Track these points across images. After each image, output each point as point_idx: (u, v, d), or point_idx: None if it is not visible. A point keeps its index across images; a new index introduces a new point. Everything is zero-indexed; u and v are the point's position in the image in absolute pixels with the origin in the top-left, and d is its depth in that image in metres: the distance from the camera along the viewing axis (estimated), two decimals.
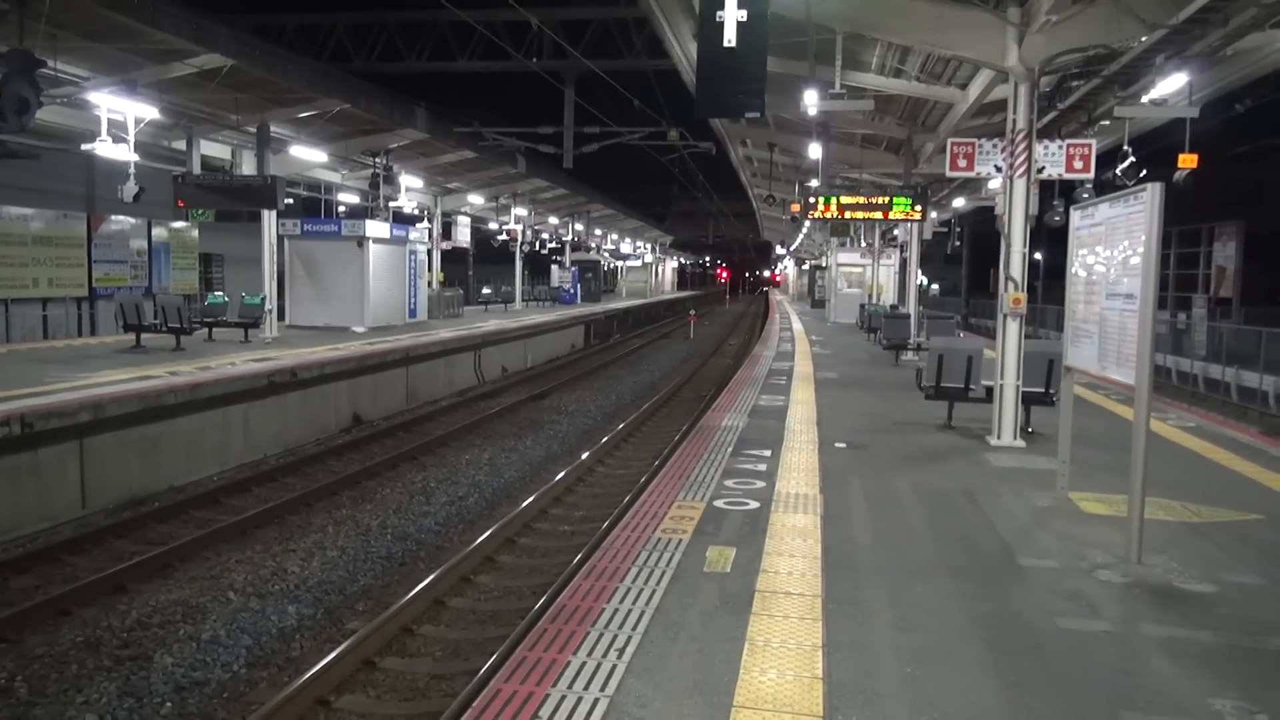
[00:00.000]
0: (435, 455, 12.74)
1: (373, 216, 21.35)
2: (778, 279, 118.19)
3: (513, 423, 15.49)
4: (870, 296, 26.46)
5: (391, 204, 22.06)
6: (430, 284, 25.70)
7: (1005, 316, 8.85)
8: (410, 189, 23.42)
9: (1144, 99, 12.26)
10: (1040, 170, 9.24)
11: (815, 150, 17.26)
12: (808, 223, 33.32)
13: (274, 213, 16.95)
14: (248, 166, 17.07)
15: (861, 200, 14.33)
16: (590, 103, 21.98)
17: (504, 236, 31.52)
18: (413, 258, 22.32)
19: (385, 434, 13.95)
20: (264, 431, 12.31)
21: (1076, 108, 13.46)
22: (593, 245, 45.21)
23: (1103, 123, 13.87)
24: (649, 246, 61.05)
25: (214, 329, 16.93)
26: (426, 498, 10.52)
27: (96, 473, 9.62)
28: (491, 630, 6.81)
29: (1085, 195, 12.87)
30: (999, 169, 9.32)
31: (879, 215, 15.30)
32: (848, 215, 14.54)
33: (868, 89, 14.00)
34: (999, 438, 8.91)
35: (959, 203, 24.26)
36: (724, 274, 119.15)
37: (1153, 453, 5.38)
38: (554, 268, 40.17)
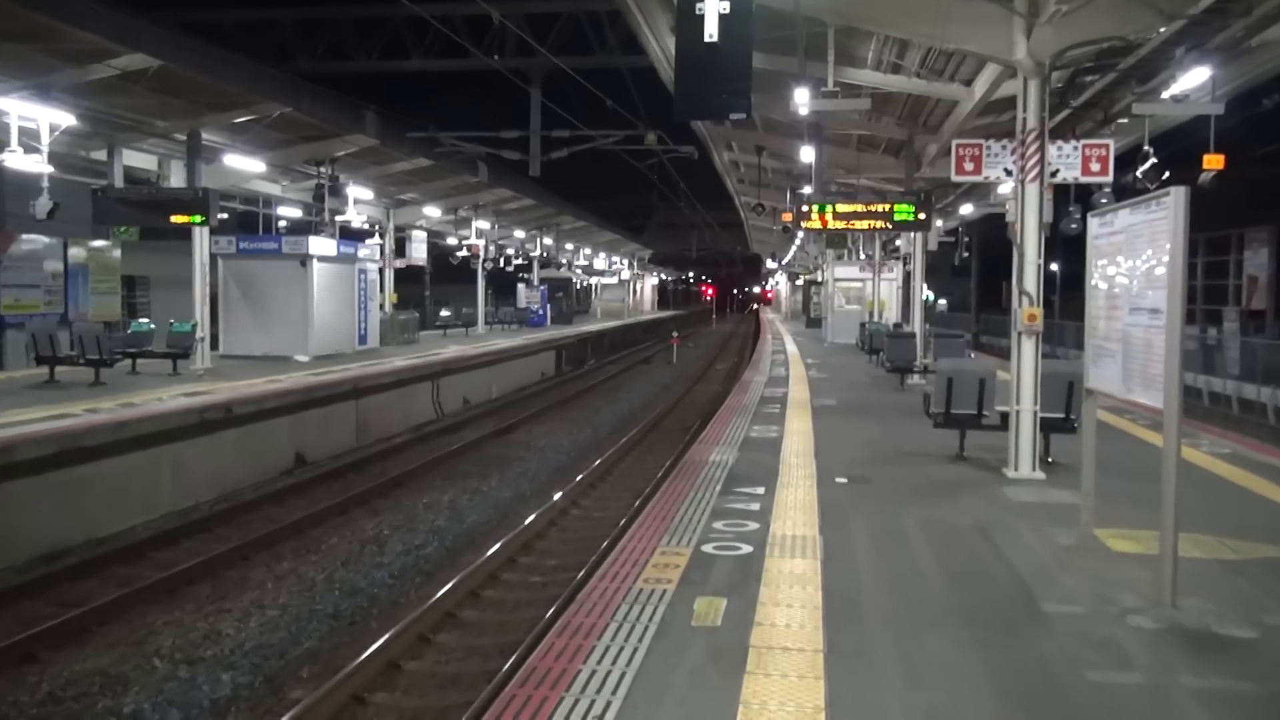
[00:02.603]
0: (389, 498, 12.63)
1: (317, 232, 21.27)
2: (769, 296, 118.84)
3: (476, 460, 15.41)
4: (871, 314, 26.65)
5: (338, 218, 22.01)
6: (382, 306, 25.60)
7: (1019, 335, 8.91)
8: (359, 201, 23.39)
9: (1164, 95, 12.48)
10: (1054, 173, 9.35)
11: (807, 154, 17.43)
12: (801, 234, 33.64)
13: (206, 229, 16.85)
14: (177, 178, 16.98)
15: (859, 208, 14.46)
16: (559, 104, 22.19)
17: (464, 253, 31.50)
18: (362, 277, 22.24)
19: (333, 475, 13.83)
20: (196, 475, 12.16)
21: (1091, 105, 13.70)
22: (564, 261, 45.30)
23: (1120, 121, 14.12)
24: (626, 262, 61.28)
25: (138, 360, 16.77)
26: (379, 547, 10.41)
27: (4, 524, 9.44)
28: (453, 697, 6.71)
29: (1103, 200, 13.07)
30: (1009, 172, 9.43)
31: (879, 224, 15.43)
32: (844, 225, 14.65)
33: (864, 87, 14.18)
34: (1016, 469, 8.94)
35: (966, 209, 24.55)
36: (709, 291, 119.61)
37: (1185, 482, 5.41)
38: (520, 287, 40.20)
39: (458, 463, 15.17)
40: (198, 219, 15.51)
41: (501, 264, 36.92)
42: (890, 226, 15.03)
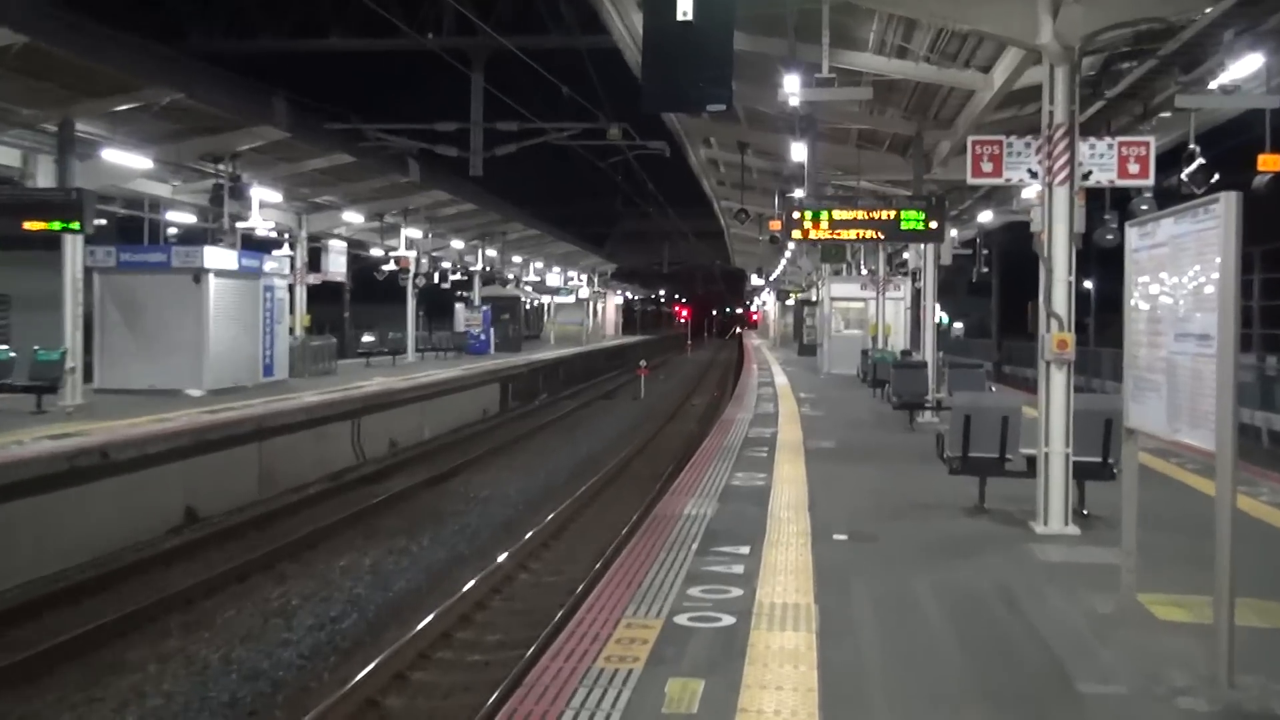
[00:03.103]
0: (299, 562, 12.50)
1: (215, 242, 21.11)
2: (754, 318, 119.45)
3: (405, 515, 15.31)
4: (874, 340, 26.87)
5: (240, 225, 21.87)
6: (292, 330, 25.43)
7: (1048, 364, 9.02)
8: (266, 205, 23.27)
9: (1212, 85, 12.75)
10: (1086, 176, 9.51)
11: (799, 152, 17.60)
12: (791, 245, 33.86)
13: (80, 238, 16.68)
14: (45, 177, 16.80)
15: (860, 215, 14.59)
16: (505, 92, 22.24)
17: (392, 266, 31.40)
18: (269, 296, 22.10)
19: (231, 534, 13.67)
20: (62, 535, 11.95)
21: (1129, 97, 13.97)
22: (511, 277, 45.29)
23: (1162, 115, 14.41)
24: (585, 278, 61.42)
25: None
26: (287, 620, 10.28)
27: None
28: None
29: (1144, 208, 13.31)
30: (1034, 174, 9.57)
31: (882, 234, 15.57)
32: (842, 234, 14.78)
33: (864, 73, 14.38)
34: (1045, 523, 9.01)
35: (985, 217, 24.89)
36: (684, 313, 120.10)
37: (1242, 538, 5.46)
38: (459, 307, 40.13)
39: (382, 518, 15.04)
40: (71, 225, 15.32)
41: (436, 280, 36.81)
42: (896, 237, 15.17)
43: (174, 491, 14.13)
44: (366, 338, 33.39)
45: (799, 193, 19.59)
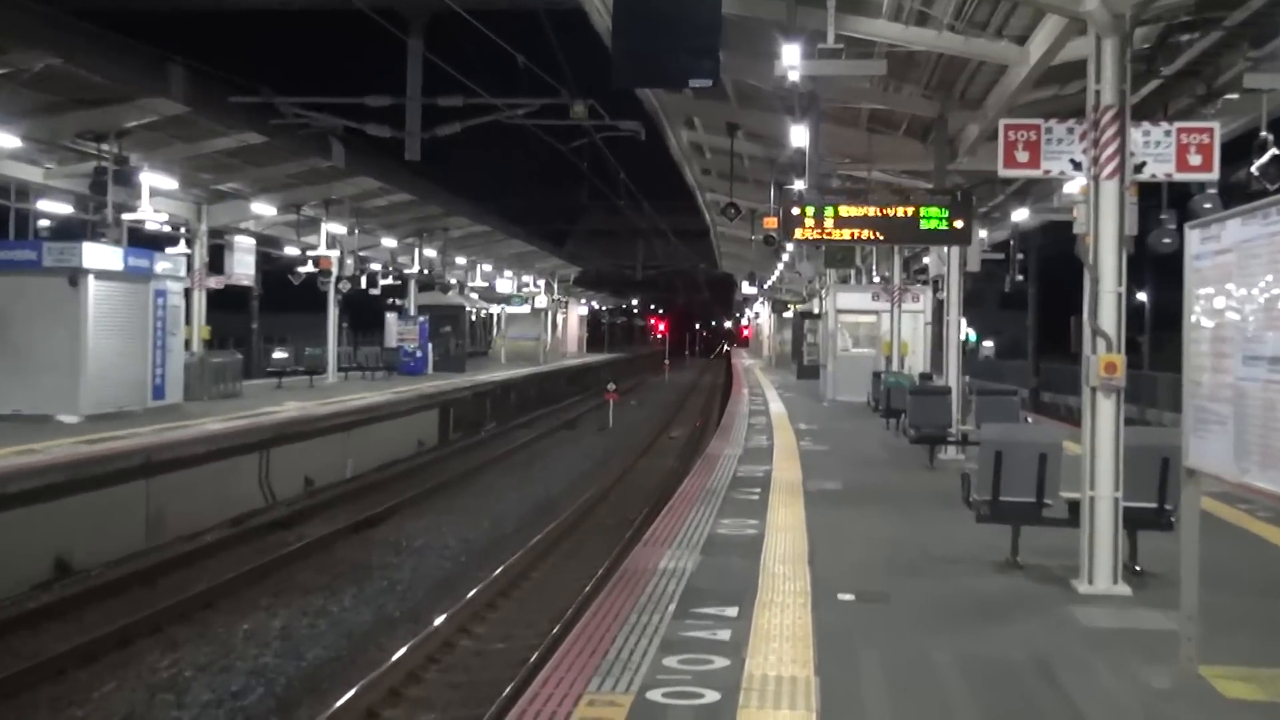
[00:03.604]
0: (194, 624, 12.40)
1: (96, 237, 20.96)
2: (746, 333, 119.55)
3: (323, 568, 15.23)
4: (888, 361, 26.98)
5: (128, 217, 21.73)
6: (189, 344, 25.26)
7: (1094, 391, 9.07)
8: (159, 193, 23.16)
9: None
10: (1139, 167, 9.59)
11: (799, 136, 17.66)
12: (790, 246, 34.00)
13: None
14: None
15: (872, 212, 14.66)
16: (449, 61, 22.12)
17: (310, 268, 31.28)
18: (161, 303, 21.94)
19: (111, 590, 13.53)
20: None
21: (1189, 75, 14.11)
22: (453, 282, 45.22)
23: (1228, 97, 14.54)
24: (543, 284, 61.42)
25: None
26: (178, 696, 10.17)
27: None
28: None
29: (1207, 206, 13.44)
30: (1077, 165, 9.64)
31: (899, 235, 15.63)
32: (851, 235, 14.84)
33: (878, 43, 14.45)
34: (1090, 581, 9.04)
35: (1020, 215, 25.07)
36: (660, 327, 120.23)
37: None
38: (390, 318, 40.02)
39: (296, 571, 14.93)
40: None
41: (364, 285, 36.71)
42: (915, 238, 15.25)
43: (41, 539, 13.95)
44: (278, 354, 33.21)
45: (799, 185, 19.63)
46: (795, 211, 14.70)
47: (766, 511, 12.61)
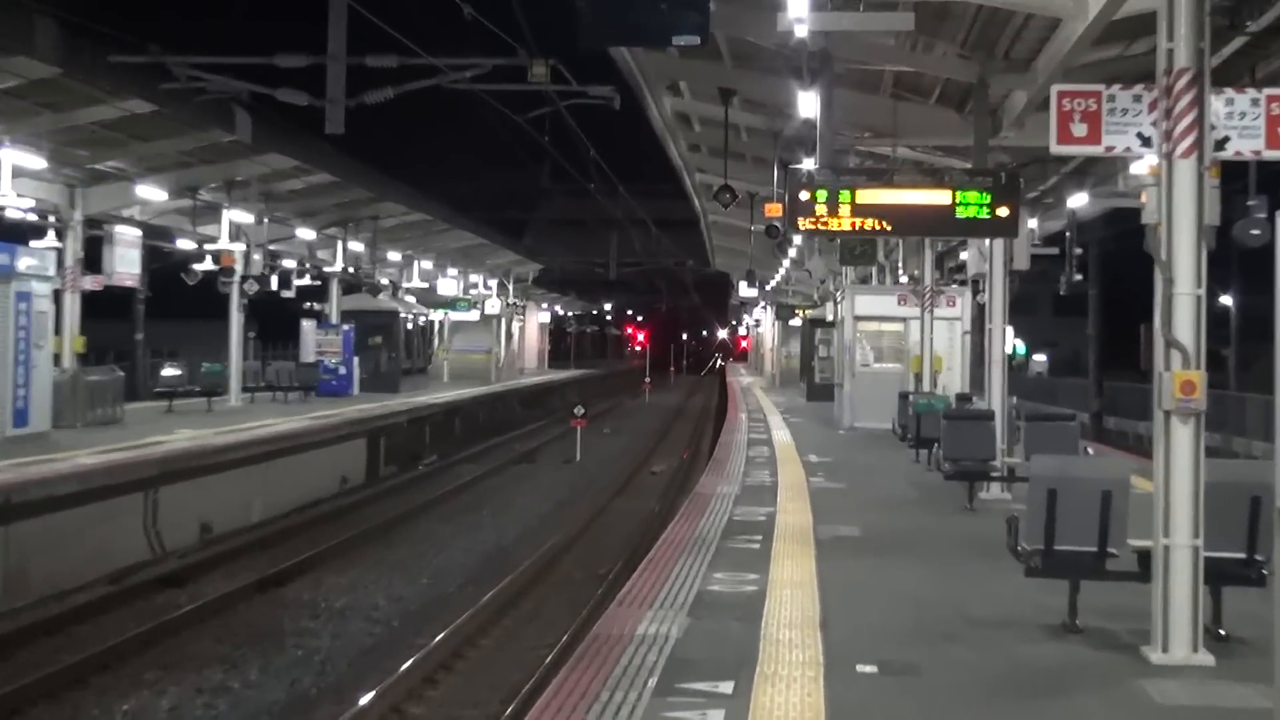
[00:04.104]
0: (62, 704, 12.29)
1: None
2: (744, 344, 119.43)
3: (223, 635, 15.16)
4: (918, 378, 27.01)
5: None
6: (60, 360, 25.09)
7: (1168, 416, 9.07)
8: (22, 173, 23.02)
9: None
10: (1221, 144, 9.62)
11: (808, 104, 17.69)
12: (798, 239, 34.01)
13: None
14: None
15: (897, 197, 14.66)
16: (380, 12, 22.11)
17: (208, 265, 31.12)
18: (24, 308, 21.82)
19: None
20: None
21: None
22: (385, 282, 45.12)
23: None
24: (495, 284, 61.33)
25: None
26: None
27: None
28: None
29: None
30: (1146, 140, 9.65)
31: (930, 226, 15.63)
32: (872, 225, 14.84)
33: None
34: (1165, 649, 9.03)
35: (1078, 201, 25.14)
36: (639, 337, 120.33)
37: None
38: (307, 326, 39.86)
39: (189, 639, 14.86)
40: None
41: (275, 286, 36.55)
42: (950, 229, 15.24)
43: None
44: (169, 370, 33.08)
45: (808, 164, 19.66)
46: (804, 196, 14.68)
47: (769, 564, 12.60)
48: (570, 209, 69.82)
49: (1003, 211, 14.27)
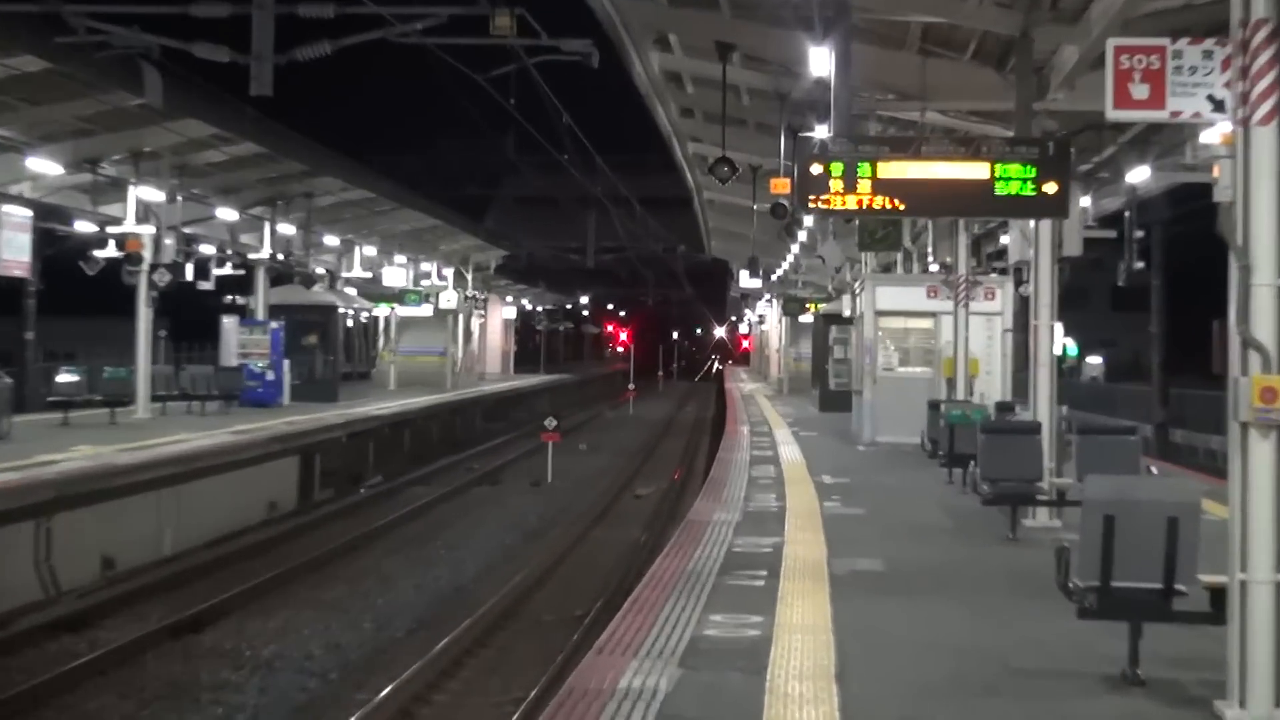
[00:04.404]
0: None
1: None
2: (745, 344, 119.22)
3: (128, 689, 15.09)
4: (951, 384, 27.02)
5: None
6: None
7: (1245, 428, 9.07)
8: None
9: None
10: None
11: (820, 61, 17.69)
12: (809, 221, 34.04)
13: None
14: None
15: (926, 171, 14.66)
16: None
17: (112, 252, 31.01)
18: None
19: None
20: None
21: None
22: (322, 272, 45.05)
23: None
24: (451, 274, 61.24)
25: None
26: None
27: None
28: None
29: None
30: (1218, 104, 9.66)
31: (964, 204, 15.63)
32: (895, 204, 14.84)
33: None
34: (1243, 703, 9.03)
35: (1138, 176, 25.17)
36: (621, 336, 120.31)
37: None
38: (228, 323, 39.73)
39: (88, 694, 14.78)
40: None
41: (191, 276, 36.47)
42: (988, 208, 15.24)
43: None
44: (65, 376, 32.92)
45: (821, 131, 19.68)
46: (816, 170, 14.68)
47: (776, 605, 12.58)
48: (540, 185, 69.75)
49: (1050, 188, 14.29)
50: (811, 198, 14.69)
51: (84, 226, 32.10)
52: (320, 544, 24.58)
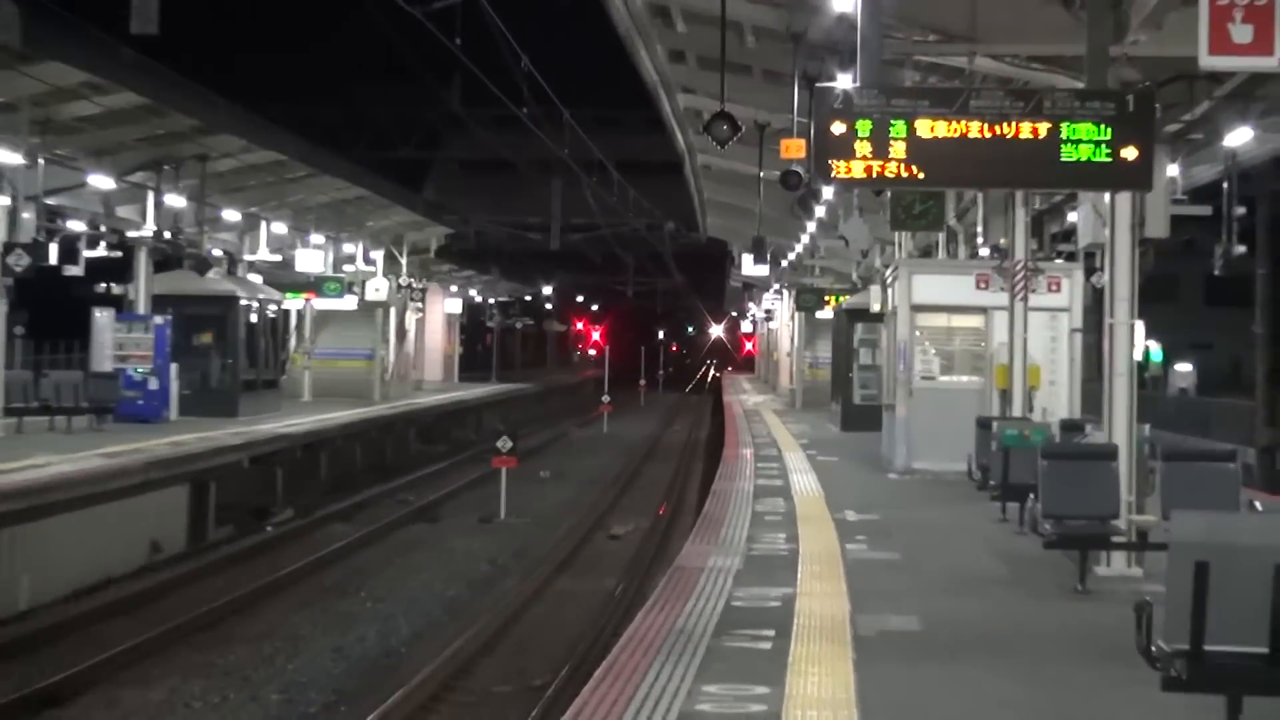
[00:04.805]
0: None
1: None
2: (749, 347, 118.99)
3: None
4: (1005, 397, 27.04)
5: None
6: None
7: None
8: None
9: None
10: None
11: None
12: (829, 193, 34.04)
13: None
14: None
15: (975, 130, 14.68)
16: None
17: None
18: None
19: None
20: None
21: None
22: (219, 254, 45.00)
23: None
24: (381, 257, 61.16)
25: None
26: None
27: None
28: None
29: None
30: None
31: (1022, 174, 15.64)
32: (937, 173, 14.85)
33: None
34: None
35: (1239, 139, 25.19)
36: (593, 336, 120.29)
37: None
38: (102, 317, 39.66)
39: None
40: None
41: (55, 259, 36.39)
42: (1051, 179, 15.26)
43: None
44: None
45: (844, 81, 19.70)
46: (838, 129, 14.70)
47: (785, 673, 12.56)
48: (493, 147, 69.62)
49: (1129, 152, 14.33)
50: (832, 164, 14.71)
51: None
52: (215, 594, 24.48)
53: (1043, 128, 14.53)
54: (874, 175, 14.92)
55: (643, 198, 68.40)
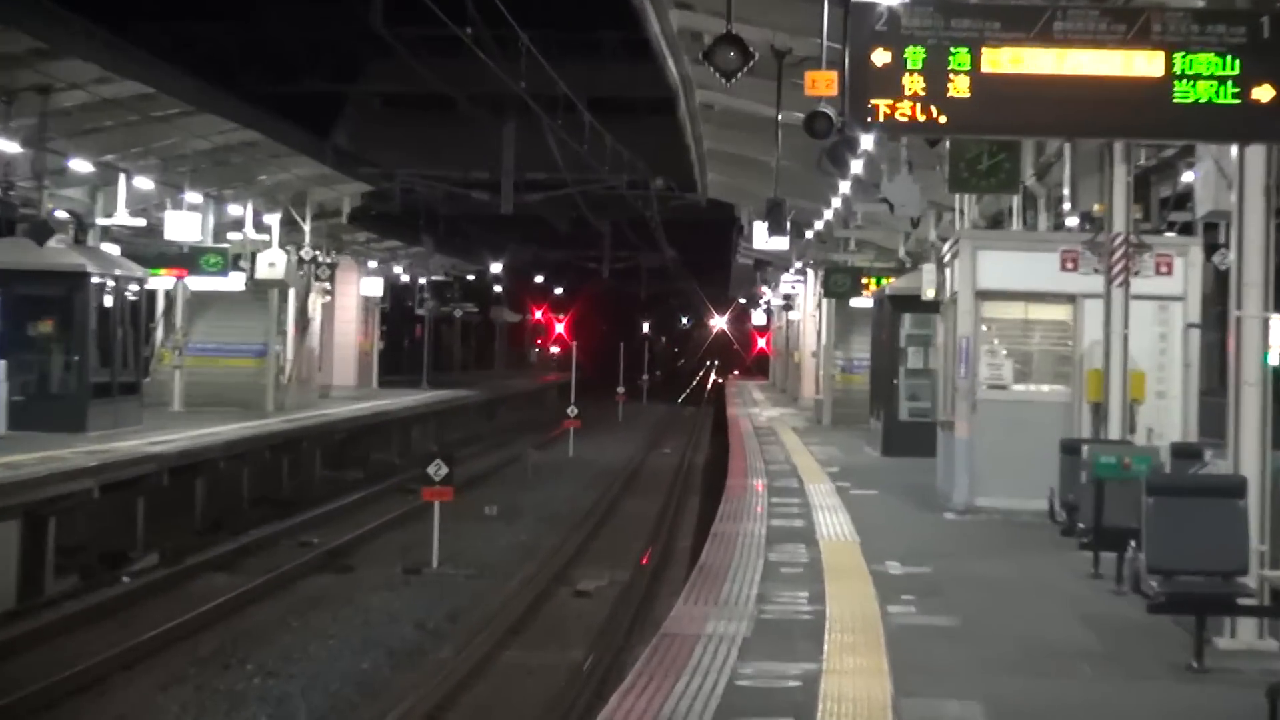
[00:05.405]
0: None
1: None
2: (761, 343, 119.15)
3: None
4: (1099, 410, 27.07)
5: None
6: None
7: None
8: None
9: None
10: None
11: None
12: (869, 142, 34.11)
13: None
14: None
15: (1061, 64, 14.72)
16: None
17: None
18: None
19: None
20: None
21: None
22: (64, 216, 45.07)
23: None
24: (277, 223, 61.17)
25: None
26: None
27: None
28: None
29: None
30: None
31: (1122, 121, 15.68)
32: (1010, 119, 14.88)
33: None
34: None
35: None
36: (559, 330, 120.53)
37: None
38: None
39: None
40: None
41: None
42: (1161, 129, 15.32)
43: None
44: None
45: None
46: (881, 59, 14.73)
47: None
48: (426, 78, 69.62)
49: (1263, 92, 14.38)
50: (873, 104, 14.72)
51: None
52: (53, 667, 24.42)
53: (1150, 59, 14.55)
54: (928, 120, 14.91)
55: (623, 147, 68.51)
